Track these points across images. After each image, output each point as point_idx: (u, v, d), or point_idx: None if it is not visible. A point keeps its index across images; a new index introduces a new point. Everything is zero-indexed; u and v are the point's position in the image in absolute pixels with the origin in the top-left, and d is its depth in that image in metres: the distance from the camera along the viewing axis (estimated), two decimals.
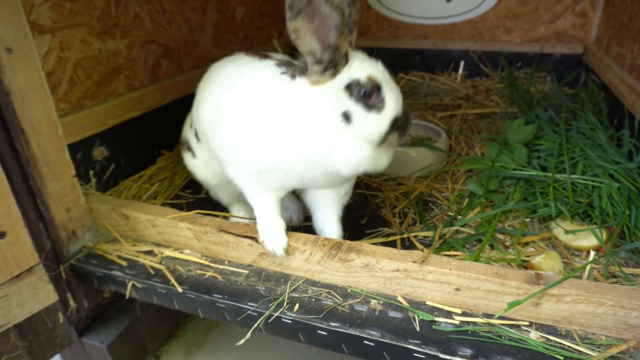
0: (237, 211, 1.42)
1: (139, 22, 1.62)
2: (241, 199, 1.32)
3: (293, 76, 1.02)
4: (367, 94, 1.00)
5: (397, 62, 2.67)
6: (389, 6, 2.59)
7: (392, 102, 1.02)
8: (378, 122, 1.01)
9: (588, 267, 1.12)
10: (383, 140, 1.02)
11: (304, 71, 1.00)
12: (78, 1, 1.37)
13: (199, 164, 1.37)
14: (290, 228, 1.39)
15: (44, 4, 1.27)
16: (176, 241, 1.31)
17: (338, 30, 0.94)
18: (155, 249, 1.33)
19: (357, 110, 1.00)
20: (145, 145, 1.73)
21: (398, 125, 1.03)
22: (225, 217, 1.33)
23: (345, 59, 1.00)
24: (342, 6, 0.93)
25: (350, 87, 1.00)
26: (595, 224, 1.25)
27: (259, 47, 2.46)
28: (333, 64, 0.98)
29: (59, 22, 1.32)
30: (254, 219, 1.20)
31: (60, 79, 1.36)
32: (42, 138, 1.19)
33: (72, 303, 1.35)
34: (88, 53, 1.44)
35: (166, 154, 1.83)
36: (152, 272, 1.26)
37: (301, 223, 1.44)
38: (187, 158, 1.40)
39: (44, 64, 1.29)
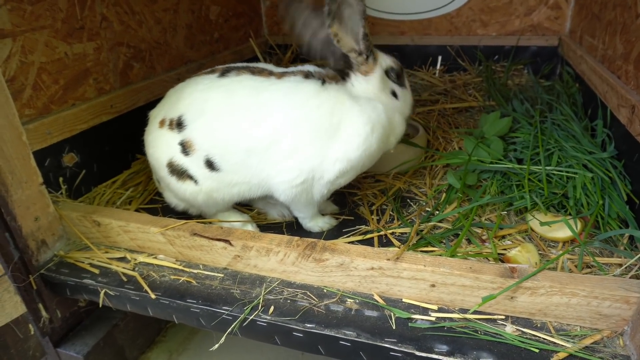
0: (227, 217, 1.40)
1: (106, 24, 1.58)
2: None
3: (344, 79, 1.22)
4: (399, 76, 1.28)
5: None
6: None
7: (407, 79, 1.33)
8: (409, 96, 1.32)
9: (562, 258, 1.12)
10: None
11: (349, 70, 1.22)
12: (40, 3, 1.34)
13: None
14: (285, 224, 1.41)
15: (3, 7, 1.23)
16: (149, 246, 1.28)
17: (364, 17, 1.11)
18: (129, 255, 1.30)
19: (397, 88, 1.28)
20: (119, 150, 1.70)
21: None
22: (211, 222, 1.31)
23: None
24: None
25: (388, 72, 1.26)
26: (570, 214, 1.25)
27: (235, 47, 2.44)
28: (370, 51, 1.20)
29: (20, 25, 1.28)
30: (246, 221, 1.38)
31: (23, 84, 1.32)
32: (4, 145, 1.15)
33: (44, 314, 1.32)
34: (53, 57, 1.40)
35: (141, 158, 1.80)
36: (124, 279, 1.23)
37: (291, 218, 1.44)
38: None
39: (5, 70, 1.25)
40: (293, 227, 1.40)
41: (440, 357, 0.94)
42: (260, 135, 1.18)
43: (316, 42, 1.23)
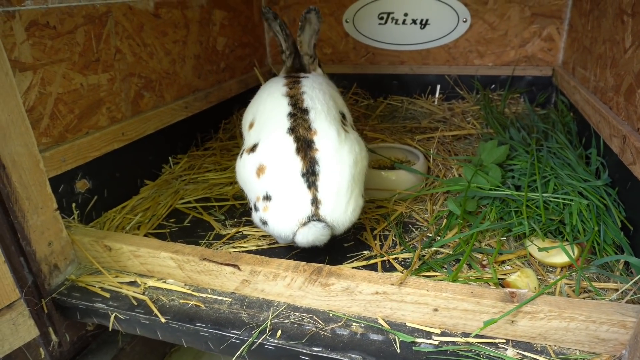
0: None
1: (120, 57, 1.66)
2: None
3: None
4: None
5: (376, 87, 2.75)
6: (365, 34, 2.68)
7: None
8: None
9: (560, 283, 1.15)
10: None
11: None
12: (59, 38, 1.41)
13: None
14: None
15: (25, 42, 1.30)
16: (159, 271, 1.32)
17: (317, 33, 1.68)
18: (139, 280, 1.33)
19: None
20: (128, 176, 1.75)
21: None
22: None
23: None
24: None
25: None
26: (566, 240, 1.29)
27: (240, 76, 2.52)
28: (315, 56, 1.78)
29: (40, 59, 1.35)
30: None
31: (41, 114, 1.38)
32: (23, 173, 1.20)
33: (54, 337, 1.34)
34: (69, 88, 1.46)
35: (149, 184, 1.85)
36: (135, 302, 1.26)
37: None
38: None
39: (25, 100, 1.31)
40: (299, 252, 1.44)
41: None
42: None
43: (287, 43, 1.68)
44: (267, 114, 1.35)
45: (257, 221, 1.34)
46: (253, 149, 1.30)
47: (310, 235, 1.23)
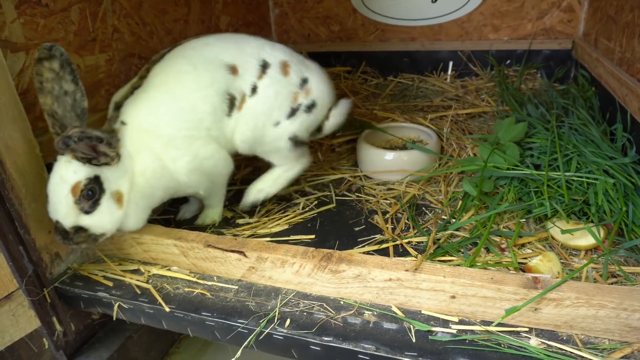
0: None
1: (118, 36, 1.59)
2: None
3: None
4: None
5: (385, 65, 2.65)
6: (374, 9, 2.57)
7: None
8: None
9: (586, 268, 1.08)
10: None
11: None
12: (53, 17, 1.34)
13: None
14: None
15: (16, 21, 1.24)
16: (163, 258, 1.27)
17: None
18: (142, 268, 1.29)
19: None
20: None
21: None
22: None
23: None
24: None
25: None
26: (592, 222, 1.22)
27: None
28: None
29: (33, 38, 1.29)
30: None
31: (37, 96, 1.32)
32: (18, 158, 1.15)
33: (58, 327, 1.30)
34: None
35: None
36: (138, 291, 1.21)
37: None
38: None
39: (18, 83, 1.26)
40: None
41: None
42: None
43: None
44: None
45: (303, 115, 1.38)
46: (260, 75, 1.32)
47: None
